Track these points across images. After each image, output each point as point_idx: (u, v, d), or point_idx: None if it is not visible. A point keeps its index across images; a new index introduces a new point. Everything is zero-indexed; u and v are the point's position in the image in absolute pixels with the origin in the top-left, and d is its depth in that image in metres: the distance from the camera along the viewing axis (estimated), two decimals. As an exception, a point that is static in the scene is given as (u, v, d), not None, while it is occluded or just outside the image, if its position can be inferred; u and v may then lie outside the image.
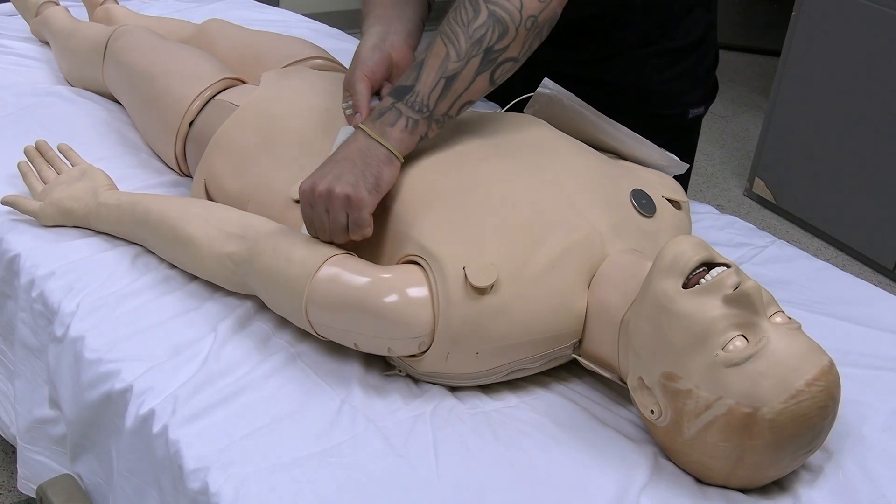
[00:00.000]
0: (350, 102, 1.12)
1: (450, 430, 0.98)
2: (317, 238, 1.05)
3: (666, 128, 1.44)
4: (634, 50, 1.40)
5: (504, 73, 1.08)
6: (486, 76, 1.06)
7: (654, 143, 1.24)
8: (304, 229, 1.11)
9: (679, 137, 1.50)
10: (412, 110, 1.04)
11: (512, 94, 1.29)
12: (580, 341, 1.03)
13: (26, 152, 1.36)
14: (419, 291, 0.97)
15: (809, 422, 0.86)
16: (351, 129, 1.12)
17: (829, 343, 0.96)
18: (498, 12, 1.05)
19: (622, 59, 1.41)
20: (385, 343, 1.00)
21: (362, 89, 1.12)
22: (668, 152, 1.23)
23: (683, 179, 1.46)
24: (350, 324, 1.00)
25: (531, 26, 1.06)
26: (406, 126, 1.04)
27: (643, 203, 1.11)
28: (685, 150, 1.53)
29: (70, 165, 1.34)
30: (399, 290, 0.97)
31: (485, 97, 1.73)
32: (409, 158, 1.08)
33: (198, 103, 1.37)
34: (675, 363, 0.89)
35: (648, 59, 1.41)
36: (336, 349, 1.08)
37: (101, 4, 1.88)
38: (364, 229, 1.01)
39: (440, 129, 1.07)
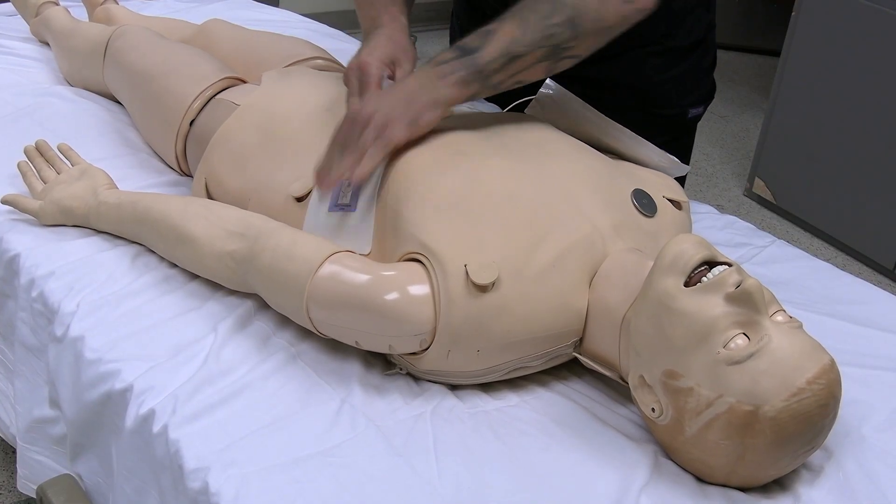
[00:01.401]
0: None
1: (450, 430, 0.98)
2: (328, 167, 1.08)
3: (665, 128, 1.44)
4: (636, 49, 1.41)
5: (564, 65, 1.13)
6: (546, 65, 1.11)
7: (654, 144, 1.24)
8: (305, 226, 1.11)
9: (678, 137, 1.50)
10: (469, 70, 1.09)
11: (513, 94, 1.29)
12: (581, 340, 1.03)
13: (26, 152, 1.36)
14: (420, 289, 0.98)
15: (810, 420, 0.86)
16: None
17: (829, 343, 0.96)
18: (576, 18, 1.08)
19: (623, 58, 1.41)
20: (386, 341, 1.00)
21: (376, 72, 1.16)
22: (668, 154, 1.23)
23: (680, 179, 1.47)
24: (351, 321, 1.00)
25: (604, 33, 1.11)
26: (458, 81, 1.09)
27: (644, 203, 1.11)
28: (683, 150, 1.53)
29: (70, 165, 1.34)
30: (400, 287, 0.98)
31: (486, 98, 1.74)
32: (411, 157, 1.08)
33: (198, 102, 1.37)
34: (677, 361, 0.89)
35: (649, 58, 1.41)
36: (336, 348, 1.08)
37: (101, 4, 1.88)
38: (387, 149, 1.06)
39: (490, 94, 1.12)
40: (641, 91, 1.43)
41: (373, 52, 1.18)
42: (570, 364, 1.08)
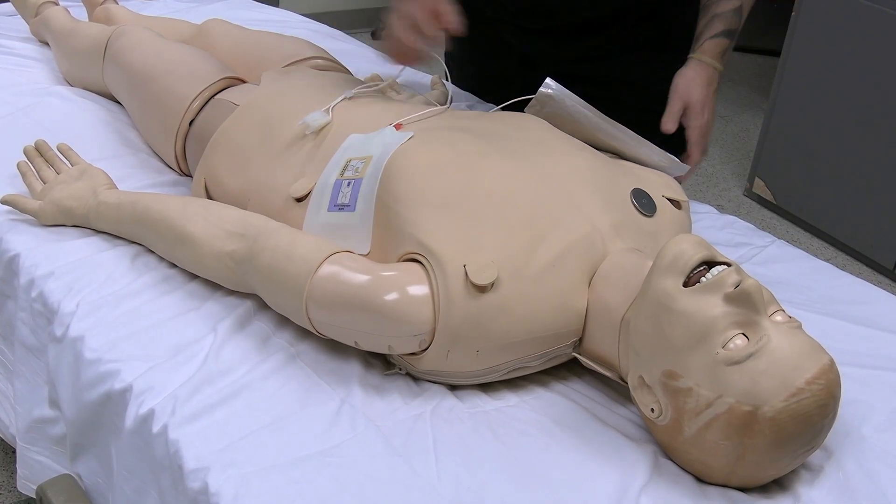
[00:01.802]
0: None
1: (449, 430, 0.98)
2: None
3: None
4: (636, 48, 1.41)
5: None
6: None
7: (654, 143, 1.24)
8: (304, 226, 1.11)
9: (674, 136, 1.51)
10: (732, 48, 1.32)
11: (512, 93, 1.29)
12: (580, 340, 1.03)
13: (26, 152, 1.36)
14: (420, 289, 0.98)
15: (810, 420, 0.86)
16: (360, 138, 1.13)
17: (829, 343, 0.96)
18: None
19: (625, 56, 1.42)
20: (385, 341, 1.00)
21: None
22: (669, 154, 1.23)
23: (679, 178, 1.47)
24: (350, 322, 1.00)
25: None
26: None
27: (643, 202, 1.11)
28: (681, 149, 1.54)
29: (69, 165, 1.34)
30: (400, 287, 0.97)
31: (483, 99, 1.73)
32: (411, 156, 1.08)
33: (198, 102, 1.37)
34: (676, 361, 0.89)
35: (649, 56, 1.42)
36: (336, 349, 1.08)
37: (101, 4, 1.88)
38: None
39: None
40: (640, 89, 1.44)
41: None
42: (569, 364, 1.08)
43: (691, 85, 1.30)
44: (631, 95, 1.43)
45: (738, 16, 1.34)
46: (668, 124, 1.30)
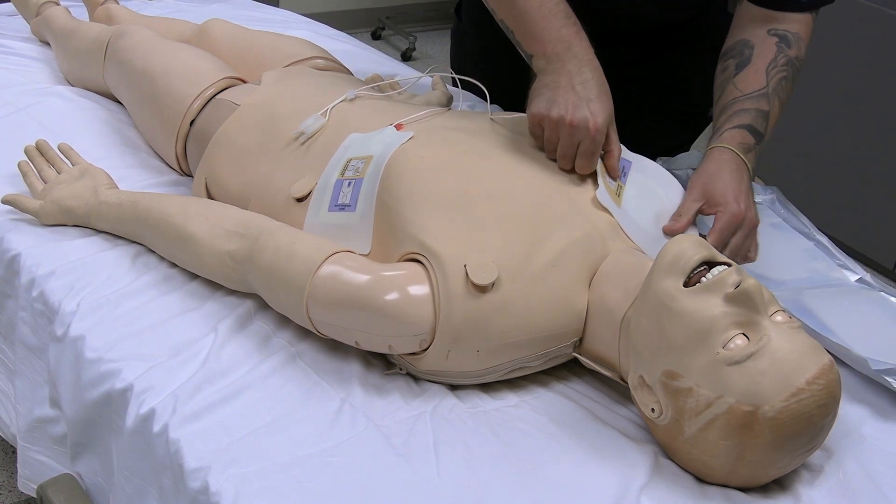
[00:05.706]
0: None
1: (450, 430, 0.98)
2: None
3: (689, 125, 1.47)
4: (685, 45, 1.42)
5: None
6: None
7: (680, 142, 1.26)
8: (305, 226, 1.11)
9: (694, 138, 1.54)
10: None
11: (513, 91, 1.29)
12: (581, 340, 1.03)
13: (27, 151, 1.36)
14: (420, 289, 0.98)
15: (810, 420, 0.86)
16: (360, 137, 1.13)
17: (830, 342, 0.96)
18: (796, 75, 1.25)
19: (671, 56, 1.43)
20: (386, 341, 1.00)
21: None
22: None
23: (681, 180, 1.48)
24: (351, 321, 1.00)
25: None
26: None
27: (644, 202, 1.11)
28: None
29: (70, 165, 1.34)
30: (400, 287, 0.98)
31: (484, 100, 1.73)
32: (412, 157, 1.08)
33: (198, 102, 1.37)
34: (676, 361, 0.89)
35: (692, 56, 1.43)
36: (336, 348, 1.08)
37: (102, 4, 1.88)
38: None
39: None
40: (681, 90, 1.44)
41: (601, 113, 1.07)
42: (570, 364, 1.08)
43: (714, 178, 1.11)
44: (671, 96, 1.44)
45: (766, 120, 1.19)
46: (674, 224, 1.09)
